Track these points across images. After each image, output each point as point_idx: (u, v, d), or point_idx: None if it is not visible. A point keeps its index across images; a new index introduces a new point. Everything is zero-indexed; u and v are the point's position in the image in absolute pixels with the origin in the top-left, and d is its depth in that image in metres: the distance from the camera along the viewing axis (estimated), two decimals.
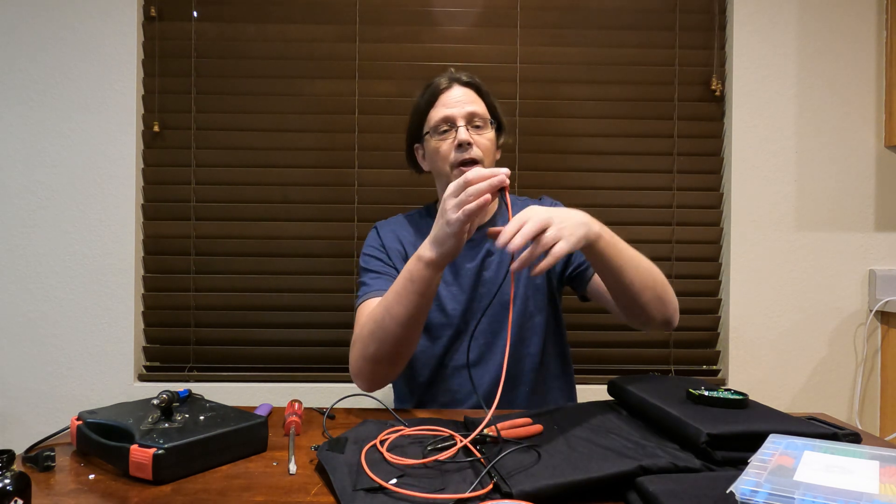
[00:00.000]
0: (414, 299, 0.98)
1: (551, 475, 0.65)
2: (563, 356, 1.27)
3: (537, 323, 1.22)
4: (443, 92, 1.20)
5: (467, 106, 1.18)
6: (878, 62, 1.79)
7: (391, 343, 1.01)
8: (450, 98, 1.19)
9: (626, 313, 1.10)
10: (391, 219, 1.32)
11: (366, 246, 1.26)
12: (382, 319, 1.01)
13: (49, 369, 1.74)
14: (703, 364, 1.83)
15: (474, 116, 1.18)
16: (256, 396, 1.74)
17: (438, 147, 1.18)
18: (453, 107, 1.18)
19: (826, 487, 0.52)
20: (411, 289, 0.98)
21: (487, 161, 1.18)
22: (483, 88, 1.23)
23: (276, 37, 1.78)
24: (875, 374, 1.80)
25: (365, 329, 1.05)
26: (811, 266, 1.79)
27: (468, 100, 1.19)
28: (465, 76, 1.23)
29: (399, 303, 0.99)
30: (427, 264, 0.96)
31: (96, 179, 1.74)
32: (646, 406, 0.84)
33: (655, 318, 1.08)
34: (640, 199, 1.80)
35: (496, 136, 1.24)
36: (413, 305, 0.98)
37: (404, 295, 0.98)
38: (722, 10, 1.81)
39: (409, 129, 1.27)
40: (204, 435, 0.74)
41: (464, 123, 1.16)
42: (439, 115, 1.18)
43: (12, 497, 0.57)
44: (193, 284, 1.78)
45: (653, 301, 1.05)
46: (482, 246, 1.23)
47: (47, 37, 1.73)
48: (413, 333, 1.03)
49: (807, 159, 1.79)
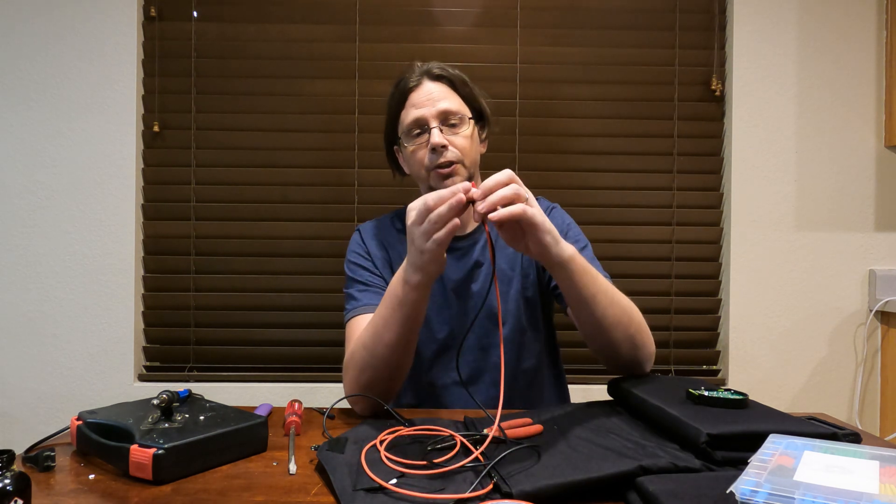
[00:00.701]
0: (404, 323, 0.92)
1: (551, 475, 0.65)
2: (556, 368, 1.22)
3: (530, 338, 1.15)
4: (412, 90, 1.11)
5: (439, 103, 1.09)
6: (878, 62, 1.79)
7: (384, 369, 0.96)
8: (420, 97, 1.10)
9: (594, 348, 1.01)
10: (374, 221, 1.25)
11: (350, 252, 1.19)
12: (374, 347, 0.95)
13: (49, 369, 1.74)
14: (703, 364, 1.83)
15: (448, 114, 1.09)
16: (256, 396, 1.74)
17: (413, 150, 1.11)
18: (423, 106, 1.09)
19: (826, 487, 0.52)
20: (401, 313, 0.92)
21: (468, 160, 1.10)
22: (457, 80, 1.13)
23: (276, 37, 1.78)
24: (875, 374, 1.80)
25: (356, 356, 0.99)
26: (811, 266, 1.79)
27: (440, 96, 1.10)
28: (437, 68, 1.13)
29: (388, 328, 0.93)
30: (413, 288, 0.89)
31: (96, 179, 1.74)
32: (646, 406, 0.84)
33: (624, 359, 0.98)
34: (640, 199, 1.80)
35: (480, 130, 1.17)
36: (404, 329, 0.93)
37: (393, 320, 0.93)
38: (722, 10, 1.81)
39: (385, 131, 1.19)
40: (204, 435, 0.74)
41: (437, 124, 1.08)
42: (410, 118, 1.10)
43: (12, 497, 0.57)
44: (193, 284, 1.78)
45: (624, 341, 0.96)
46: (470, 256, 1.16)
47: (47, 37, 1.73)
48: (406, 357, 0.97)
49: (807, 159, 1.79)
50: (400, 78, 1.15)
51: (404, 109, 1.12)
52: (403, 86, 1.13)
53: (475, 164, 1.15)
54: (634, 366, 1.00)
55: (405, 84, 1.12)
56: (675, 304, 1.81)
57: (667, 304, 1.80)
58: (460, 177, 1.09)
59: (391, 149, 1.21)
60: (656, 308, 1.79)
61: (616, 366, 1.01)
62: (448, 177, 1.08)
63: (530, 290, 1.17)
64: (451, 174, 1.08)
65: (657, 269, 1.80)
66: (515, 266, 1.16)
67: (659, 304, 1.79)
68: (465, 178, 1.09)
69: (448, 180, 1.08)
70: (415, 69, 1.14)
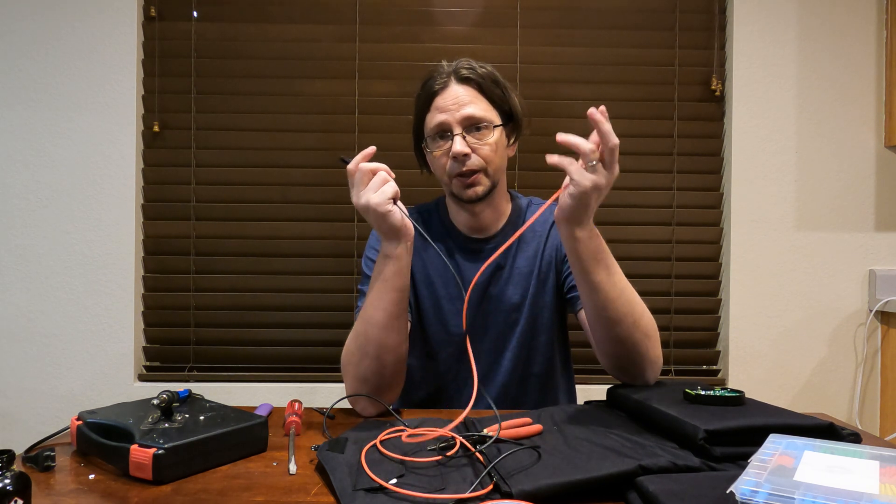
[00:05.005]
0: (389, 298, 0.94)
1: (551, 475, 0.65)
2: (567, 375, 1.21)
3: (543, 342, 1.13)
4: (438, 92, 1.07)
5: (464, 109, 1.04)
6: (878, 62, 1.79)
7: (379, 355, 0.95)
8: (445, 100, 1.06)
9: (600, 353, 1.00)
10: None
11: (368, 247, 1.18)
12: (366, 331, 0.95)
13: (49, 369, 1.74)
14: (703, 364, 1.83)
15: (473, 121, 1.05)
16: (256, 396, 1.74)
17: (436, 156, 1.09)
18: (448, 111, 1.05)
19: (826, 487, 0.52)
20: (384, 289, 0.94)
21: (492, 167, 1.07)
22: (486, 81, 1.08)
23: (276, 37, 1.78)
24: (875, 374, 1.80)
25: (352, 346, 0.98)
26: (811, 266, 1.79)
27: (466, 100, 1.05)
28: (465, 69, 1.07)
29: (375, 308, 0.94)
30: (386, 257, 0.93)
31: (96, 179, 1.74)
32: (644, 408, 0.85)
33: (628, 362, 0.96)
34: (640, 199, 1.80)
35: (509, 132, 1.12)
36: (390, 304, 0.94)
37: (378, 299, 0.94)
38: (722, 9, 1.81)
39: (413, 128, 1.15)
40: (204, 435, 0.74)
41: (460, 130, 1.04)
42: (434, 122, 1.07)
43: (12, 497, 0.57)
44: (193, 284, 1.78)
45: (628, 340, 0.93)
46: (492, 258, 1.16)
47: (47, 37, 1.73)
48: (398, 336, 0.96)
49: (807, 159, 1.79)
50: (428, 76, 1.10)
51: (429, 112, 1.08)
52: (430, 87, 1.08)
53: (500, 171, 1.11)
54: (636, 373, 0.97)
55: (431, 85, 1.08)
56: (675, 304, 1.81)
57: (667, 304, 1.80)
58: (483, 186, 1.07)
59: (419, 146, 1.16)
60: (656, 308, 1.78)
61: (616, 369, 0.99)
62: (470, 186, 1.07)
63: (547, 293, 1.15)
64: (473, 183, 1.06)
65: (657, 269, 1.80)
66: (534, 269, 1.15)
67: (659, 304, 1.79)
68: (487, 187, 1.08)
69: (470, 190, 1.07)
70: (443, 69, 1.09)
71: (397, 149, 1.76)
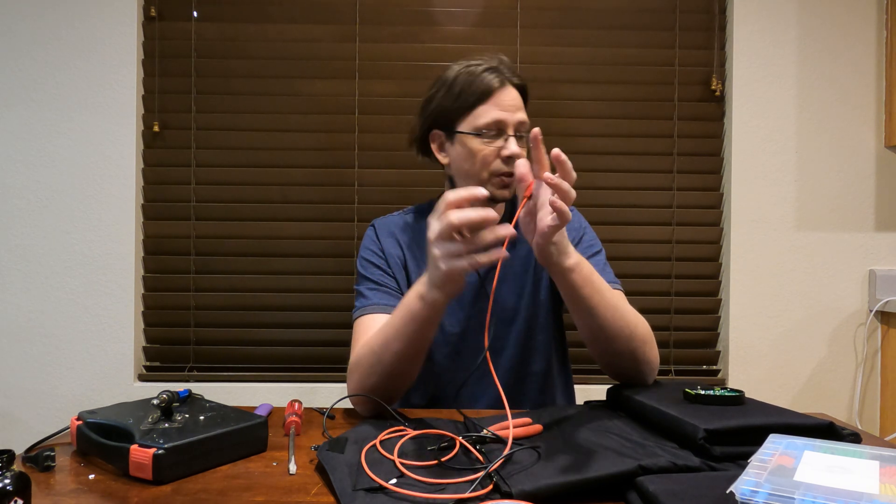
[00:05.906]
0: (415, 336, 0.90)
1: (551, 475, 0.65)
2: (565, 373, 1.21)
3: (541, 342, 1.14)
4: (498, 89, 1.06)
5: (519, 113, 1.06)
6: (878, 62, 1.79)
7: (390, 377, 0.94)
8: (505, 99, 1.05)
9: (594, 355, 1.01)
10: (390, 217, 1.22)
11: (363, 248, 1.17)
12: (382, 354, 0.93)
13: (49, 369, 1.74)
14: (703, 364, 1.84)
15: (522, 126, 1.07)
16: (256, 396, 1.74)
17: (480, 150, 1.05)
18: (508, 111, 1.05)
19: (826, 487, 0.52)
20: (412, 327, 0.89)
21: None
22: (526, 92, 1.11)
23: (276, 37, 1.78)
24: (875, 374, 1.80)
25: (363, 361, 0.97)
26: (811, 266, 1.79)
27: (519, 105, 1.07)
28: (517, 77, 1.09)
29: (398, 339, 0.91)
30: (428, 305, 0.86)
31: (96, 179, 1.74)
32: (643, 408, 0.85)
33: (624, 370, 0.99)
34: (640, 199, 1.80)
35: None
36: (414, 342, 0.91)
37: (404, 333, 0.90)
38: (722, 9, 1.81)
39: (431, 113, 1.11)
40: (204, 435, 0.74)
41: (513, 133, 1.05)
42: (491, 117, 1.05)
43: (12, 497, 0.57)
44: (193, 284, 1.78)
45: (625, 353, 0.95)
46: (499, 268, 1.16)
47: (47, 37, 1.73)
48: (413, 367, 0.96)
49: (807, 159, 1.79)
50: (477, 64, 1.08)
51: (484, 104, 1.05)
52: (488, 81, 1.05)
53: None
54: (635, 376, 0.99)
55: (490, 80, 1.05)
56: (675, 304, 1.81)
57: (667, 304, 1.80)
58: (510, 189, 1.08)
59: (426, 132, 1.13)
60: (656, 308, 1.79)
61: (616, 374, 1.01)
62: (507, 186, 1.08)
63: (542, 292, 1.15)
64: (509, 185, 1.08)
65: (657, 269, 1.80)
66: (528, 268, 1.15)
67: (659, 304, 1.79)
68: (513, 192, 1.09)
69: (506, 189, 1.08)
70: (500, 67, 1.08)
71: (398, 149, 1.77)
